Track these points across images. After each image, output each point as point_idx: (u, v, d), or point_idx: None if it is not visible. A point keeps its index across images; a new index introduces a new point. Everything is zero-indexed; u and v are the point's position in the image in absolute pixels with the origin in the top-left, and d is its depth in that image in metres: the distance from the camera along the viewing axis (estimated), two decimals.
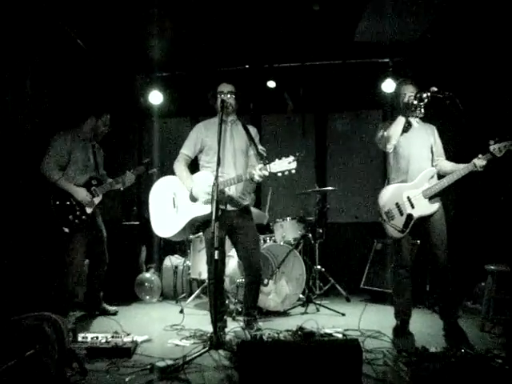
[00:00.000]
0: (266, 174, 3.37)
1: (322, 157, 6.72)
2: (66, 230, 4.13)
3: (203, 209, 3.57)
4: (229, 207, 3.67)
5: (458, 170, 3.53)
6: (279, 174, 3.34)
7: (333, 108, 6.71)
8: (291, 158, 3.31)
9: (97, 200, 4.32)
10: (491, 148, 3.42)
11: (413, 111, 3.59)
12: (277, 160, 3.36)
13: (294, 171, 3.32)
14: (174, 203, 3.79)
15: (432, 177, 3.62)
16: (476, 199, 5.30)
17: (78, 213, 4.19)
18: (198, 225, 3.74)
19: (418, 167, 3.61)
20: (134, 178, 4.57)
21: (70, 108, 5.28)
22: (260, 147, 3.72)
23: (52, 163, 4.20)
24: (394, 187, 3.68)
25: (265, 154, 3.64)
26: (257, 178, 3.41)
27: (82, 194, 4.22)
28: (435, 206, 3.57)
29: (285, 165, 3.32)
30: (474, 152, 3.48)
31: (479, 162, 3.44)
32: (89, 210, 4.25)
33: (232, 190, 3.67)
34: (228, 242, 3.94)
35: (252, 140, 3.77)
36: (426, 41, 5.18)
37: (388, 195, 3.67)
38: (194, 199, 3.66)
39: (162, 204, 3.84)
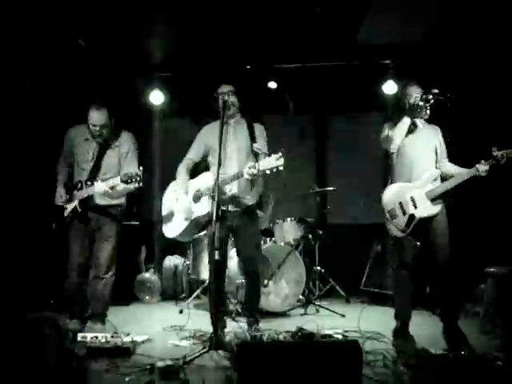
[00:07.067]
0: (255, 171, 3.30)
1: (322, 158, 6.72)
2: (54, 225, 3.96)
3: (204, 208, 3.61)
4: (230, 208, 3.68)
5: (460, 173, 3.51)
6: (267, 172, 3.27)
7: (333, 109, 6.71)
8: (278, 154, 3.24)
9: (71, 205, 3.87)
10: (494, 154, 3.40)
11: (418, 112, 3.59)
12: (266, 157, 3.33)
13: (281, 168, 3.22)
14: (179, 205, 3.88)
15: (435, 179, 3.61)
16: (476, 201, 5.29)
17: (60, 214, 3.94)
18: (203, 224, 3.75)
19: (421, 169, 3.61)
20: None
21: (69, 108, 5.29)
22: (255, 145, 3.70)
23: (61, 158, 4.07)
24: (399, 186, 3.67)
25: (259, 152, 3.63)
26: (245, 175, 3.37)
27: (57, 195, 3.95)
28: (437, 208, 3.56)
29: (272, 162, 3.24)
30: (475, 154, 3.47)
31: (482, 167, 3.40)
32: (65, 213, 3.89)
33: (234, 190, 3.67)
34: (229, 243, 3.95)
35: (253, 138, 3.77)
36: (428, 43, 5.18)
37: (392, 194, 3.67)
38: (196, 199, 3.70)
39: (170, 206, 3.96)
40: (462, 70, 5.26)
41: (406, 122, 3.60)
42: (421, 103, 3.55)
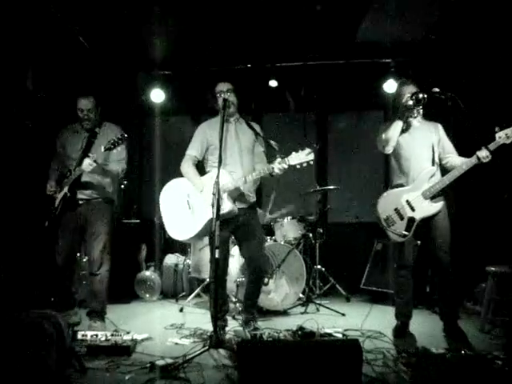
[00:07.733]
0: (286, 166, 3.43)
1: (323, 156, 6.72)
2: (46, 223, 4.02)
3: (226, 205, 3.50)
4: (237, 204, 3.67)
5: (460, 165, 3.47)
6: (298, 166, 3.41)
7: (334, 108, 6.71)
8: (308, 150, 3.39)
9: (61, 194, 3.96)
10: (498, 135, 3.37)
11: (410, 112, 3.58)
12: (294, 153, 3.42)
13: (312, 162, 3.39)
14: (188, 205, 3.71)
15: (432, 176, 3.59)
16: (477, 200, 5.29)
17: (52, 206, 4.01)
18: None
19: (418, 167, 3.60)
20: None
21: (71, 105, 5.29)
22: (273, 142, 3.72)
23: (52, 161, 4.18)
24: (392, 193, 3.65)
25: (277, 149, 3.64)
26: (276, 171, 3.45)
27: (48, 185, 4.06)
28: (438, 206, 3.55)
29: (303, 157, 3.40)
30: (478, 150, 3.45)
31: (482, 153, 3.37)
32: (56, 203, 3.98)
33: (242, 187, 3.66)
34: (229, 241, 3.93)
35: (259, 137, 3.76)
36: (429, 41, 5.17)
37: (386, 202, 3.64)
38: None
39: (176, 207, 3.76)
40: (463, 68, 5.25)
41: (397, 123, 3.59)
42: (410, 102, 3.54)
